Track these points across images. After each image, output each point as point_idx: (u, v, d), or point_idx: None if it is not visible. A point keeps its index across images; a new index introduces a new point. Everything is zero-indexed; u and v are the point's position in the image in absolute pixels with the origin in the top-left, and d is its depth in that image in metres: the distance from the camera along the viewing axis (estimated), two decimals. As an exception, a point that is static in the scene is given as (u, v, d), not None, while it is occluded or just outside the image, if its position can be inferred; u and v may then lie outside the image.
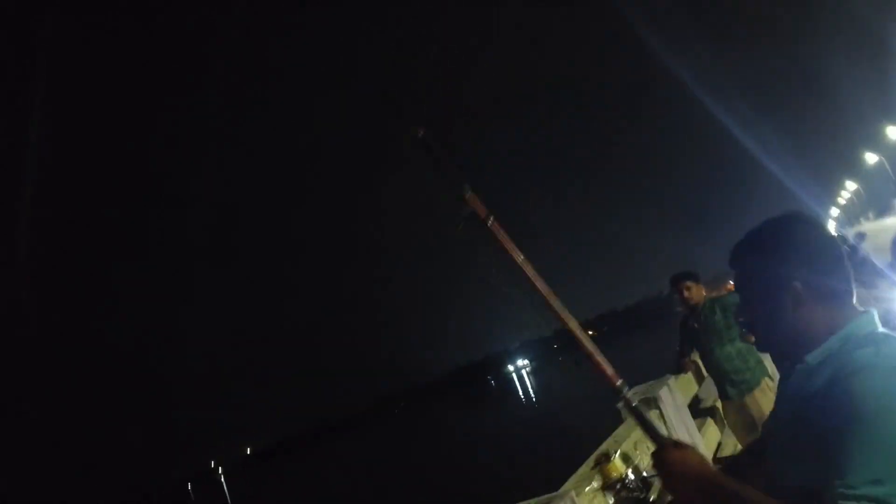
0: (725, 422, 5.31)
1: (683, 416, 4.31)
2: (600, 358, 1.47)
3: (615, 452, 3.03)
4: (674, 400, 4.22)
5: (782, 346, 1.29)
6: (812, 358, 1.21)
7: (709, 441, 5.16)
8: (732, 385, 5.04)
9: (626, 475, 2.85)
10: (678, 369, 5.39)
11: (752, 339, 4.85)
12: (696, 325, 5.24)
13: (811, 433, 1.14)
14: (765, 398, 4.98)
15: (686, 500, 1.28)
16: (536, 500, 2.40)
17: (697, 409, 5.26)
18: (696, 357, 5.41)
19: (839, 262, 1.25)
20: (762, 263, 1.27)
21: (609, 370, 1.47)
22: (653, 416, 3.86)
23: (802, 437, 1.16)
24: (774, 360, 3.87)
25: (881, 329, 1.22)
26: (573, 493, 2.46)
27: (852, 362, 1.15)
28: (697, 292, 5.14)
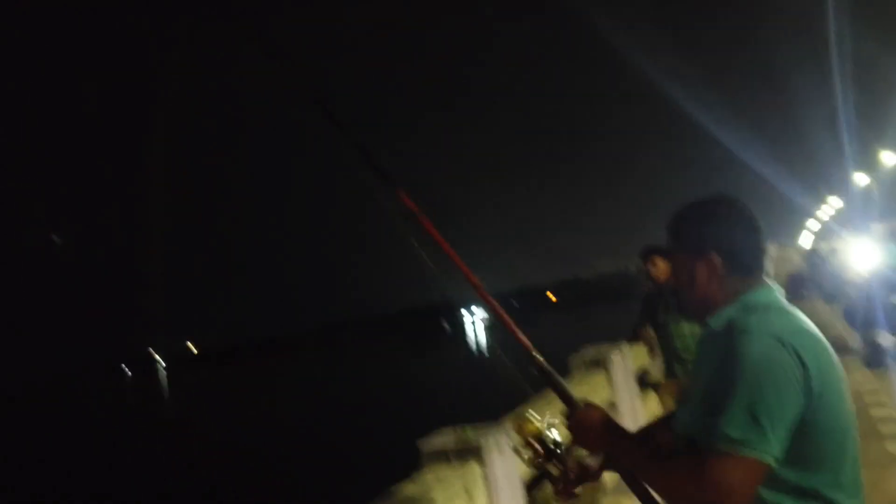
0: (662, 399, 5.47)
1: (630, 383, 4.42)
2: (515, 327, 1.57)
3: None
4: (624, 365, 4.32)
5: (698, 311, 1.40)
6: (714, 321, 1.35)
7: (649, 411, 5.31)
8: (680, 363, 5.16)
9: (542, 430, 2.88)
10: (634, 338, 5.49)
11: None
12: (657, 300, 5.33)
13: (702, 387, 1.28)
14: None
15: (594, 449, 1.44)
16: (472, 427, 2.48)
17: (644, 381, 5.39)
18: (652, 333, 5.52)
19: (754, 239, 1.39)
20: (686, 234, 1.41)
21: (524, 338, 1.56)
22: (601, 377, 3.97)
23: (697, 391, 1.30)
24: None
25: (779, 302, 1.36)
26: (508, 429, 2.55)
27: (740, 325, 1.28)
28: (665, 268, 5.20)
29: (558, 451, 1.44)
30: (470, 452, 2.28)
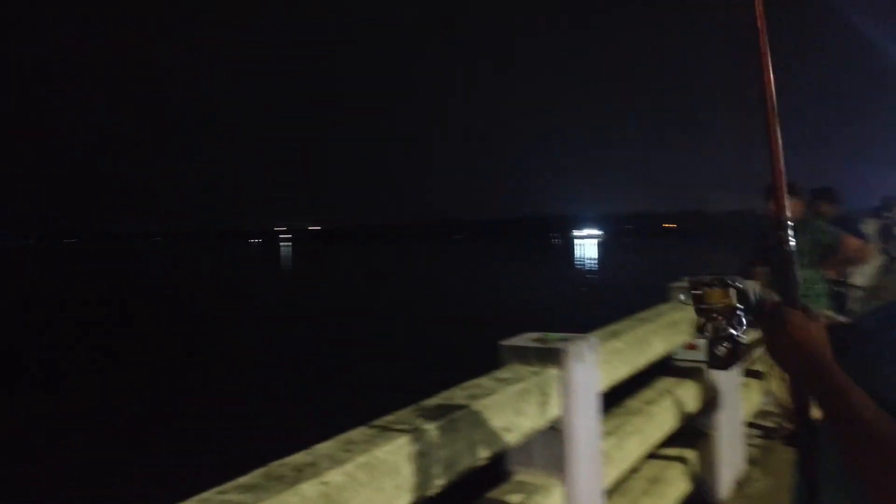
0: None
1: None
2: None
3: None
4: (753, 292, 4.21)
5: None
6: None
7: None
8: (787, 306, 4.98)
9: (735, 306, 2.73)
10: (745, 276, 5.33)
11: (828, 271, 4.71)
12: (775, 239, 5.09)
13: None
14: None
15: (788, 371, 1.12)
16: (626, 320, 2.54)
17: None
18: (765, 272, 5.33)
19: None
20: None
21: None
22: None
23: None
24: None
25: None
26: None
27: None
28: (791, 207, 4.94)
29: (740, 336, 1.22)
30: (550, 356, 2.36)
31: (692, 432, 3.98)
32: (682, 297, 1.36)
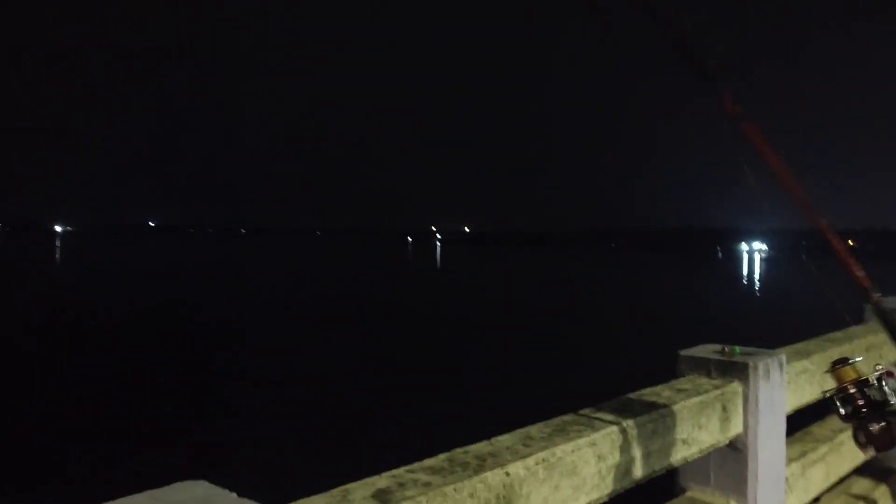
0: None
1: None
2: (851, 258, 1.33)
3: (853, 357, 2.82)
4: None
5: None
6: None
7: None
8: None
9: (870, 379, 2.62)
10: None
11: None
12: None
13: None
14: None
15: None
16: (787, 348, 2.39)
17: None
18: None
19: None
20: None
21: (859, 271, 1.34)
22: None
23: None
24: None
25: None
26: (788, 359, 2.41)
27: None
28: None
29: (889, 404, 1.25)
30: (734, 370, 2.23)
31: (881, 468, 3.61)
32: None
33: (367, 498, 1.32)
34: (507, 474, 1.47)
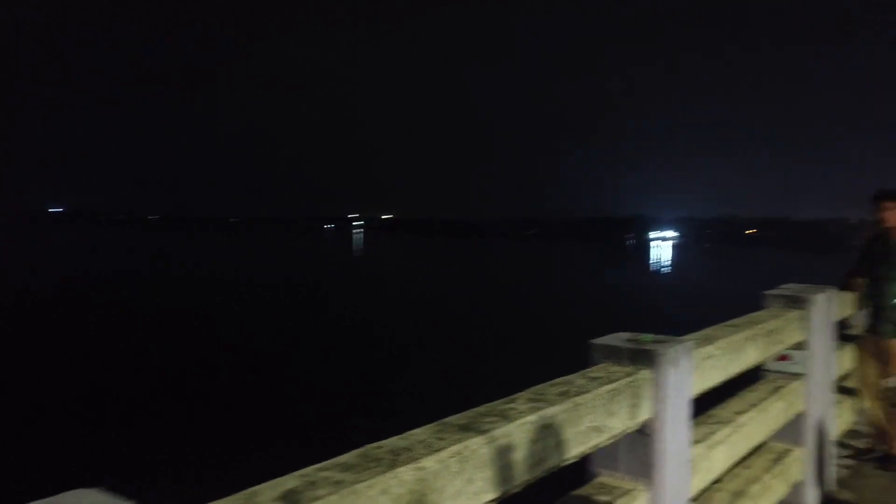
0: (859, 355, 5.05)
1: (827, 329, 4.11)
2: None
3: None
4: (827, 309, 4.00)
5: None
6: None
7: (842, 364, 4.95)
8: (888, 323, 4.71)
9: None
10: (845, 286, 5.06)
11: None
12: (878, 250, 4.83)
13: None
14: (920, 349, 4.66)
15: None
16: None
17: (842, 333, 4.99)
18: (864, 284, 5.04)
19: None
20: None
21: None
22: (795, 315, 3.72)
23: None
24: None
25: None
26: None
27: None
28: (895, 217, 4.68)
29: None
30: (644, 357, 2.29)
31: (780, 447, 3.82)
32: None
33: (275, 499, 1.27)
34: (421, 469, 1.45)
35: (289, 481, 1.34)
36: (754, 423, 3.32)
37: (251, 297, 26.16)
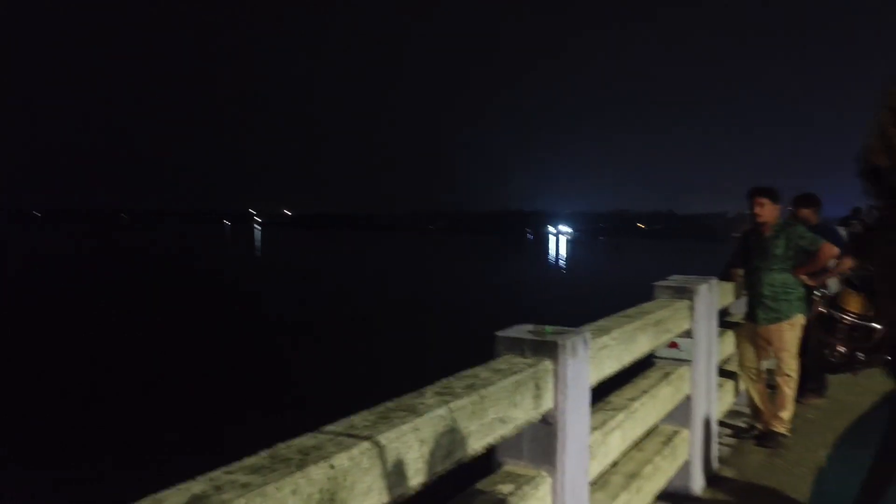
0: (737, 341, 5.43)
1: (711, 318, 4.39)
2: None
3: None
4: (709, 298, 4.28)
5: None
6: None
7: (723, 350, 5.31)
8: (764, 310, 5.08)
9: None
10: (725, 276, 5.43)
11: (806, 274, 4.80)
12: (754, 243, 5.20)
13: None
14: (791, 333, 5.03)
15: None
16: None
17: (722, 320, 5.35)
18: (742, 274, 5.42)
19: None
20: None
21: None
22: (683, 305, 3.96)
23: None
24: None
25: None
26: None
27: None
28: (770, 211, 5.04)
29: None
30: (545, 349, 2.37)
31: (669, 430, 4.05)
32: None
33: (180, 505, 1.24)
34: (332, 467, 1.45)
35: (195, 486, 1.31)
36: (646, 408, 3.51)
37: (141, 297, 24.94)
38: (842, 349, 2.99)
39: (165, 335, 16.89)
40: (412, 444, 1.71)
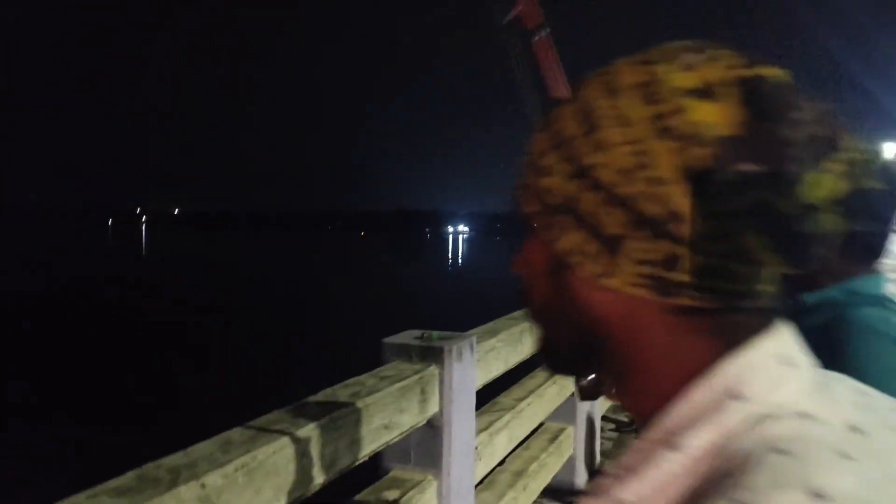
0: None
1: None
2: None
3: None
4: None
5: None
6: (809, 297, 1.15)
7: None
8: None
9: None
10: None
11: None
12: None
13: None
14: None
15: None
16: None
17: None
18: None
19: None
20: None
21: None
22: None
23: None
24: None
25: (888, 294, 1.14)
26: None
27: (860, 318, 1.09)
28: None
29: None
30: (431, 354, 2.40)
31: (555, 427, 4.19)
32: None
33: (35, 535, 1.16)
34: (203, 486, 1.40)
35: (53, 513, 1.24)
36: (533, 408, 3.62)
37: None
38: None
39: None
40: (292, 456, 1.68)
